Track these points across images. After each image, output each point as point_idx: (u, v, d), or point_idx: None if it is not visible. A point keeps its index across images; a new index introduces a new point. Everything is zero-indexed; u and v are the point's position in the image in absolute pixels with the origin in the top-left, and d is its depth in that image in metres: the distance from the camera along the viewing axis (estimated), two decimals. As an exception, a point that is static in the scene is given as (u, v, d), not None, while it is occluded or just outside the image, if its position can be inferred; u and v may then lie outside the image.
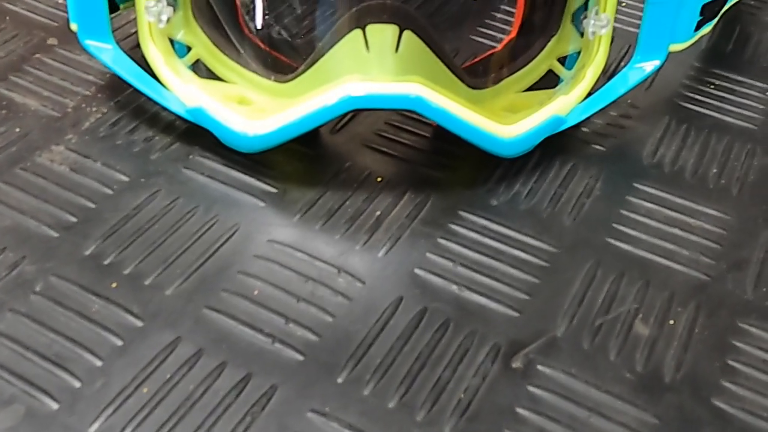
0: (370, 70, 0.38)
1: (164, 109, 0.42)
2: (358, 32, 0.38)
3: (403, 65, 0.38)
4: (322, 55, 0.40)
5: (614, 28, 0.42)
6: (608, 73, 0.48)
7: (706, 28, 0.46)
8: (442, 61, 0.40)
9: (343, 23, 0.39)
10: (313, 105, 0.37)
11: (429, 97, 0.37)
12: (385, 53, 0.38)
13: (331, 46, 0.39)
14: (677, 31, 0.43)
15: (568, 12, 0.45)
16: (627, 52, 0.50)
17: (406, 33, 0.39)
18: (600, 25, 0.42)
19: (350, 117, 0.44)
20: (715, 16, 0.46)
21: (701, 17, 0.45)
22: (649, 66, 0.43)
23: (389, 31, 0.38)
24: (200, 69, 0.43)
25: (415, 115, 0.41)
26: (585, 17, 0.42)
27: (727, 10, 0.48)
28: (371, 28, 0.38)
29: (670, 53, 0.43)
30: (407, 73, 0.38)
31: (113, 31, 0.42)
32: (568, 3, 0.44)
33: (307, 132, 0.38)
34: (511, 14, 0.47)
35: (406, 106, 0.37)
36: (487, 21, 0.51)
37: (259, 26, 0.44)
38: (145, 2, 0.41)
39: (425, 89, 0.37)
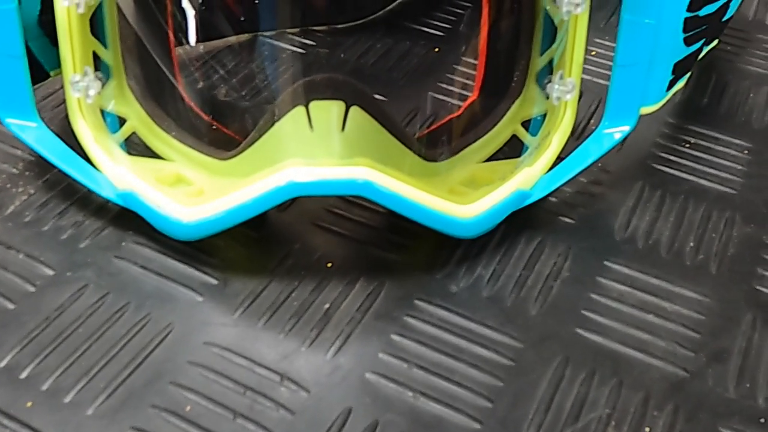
0: (314, 152, 0.34)
1: (95, 190, 0.38)
2: (301, 109, 0.35)
3: (349, 146, 0.35)
4: (264, 133, 0.36)
5: (582, 80, 0.39)
6: (577, 131, 0.45)
7: (679, 84, 0.43)
8: (394, 135, 0.37)
9: (285, 99, 0.36)
10: (252, 192, 0.34)
11: (378, 181, 0.34)
12: (330, 133, 0.35)
13: (273, 124, 0.36)
14: (648, 92, 0.40)
15: (532, 72, 0.42)
16: (597, 108, 0.47)
17: (353, 109, 0.35)
18: (565, 90, 0.39)
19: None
20: (688, 71, 0.44)
21: (673, 76, 0.42)
22: (619, 132, 0.40)
23: (334, 108, 0.35)
24: (135, 144, 0.40)
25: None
26: (549, 81, 0.40)
27: (702, 58, 0.45)
28: (315, 105, 0.35)
29: (641, 116, 0.40)
30: (354, 154, 0.34)
31: (46, 98, 0.39)
32: (532, 62, 0.41)
33: (250, 215, 0.35)
34: (473, 66, 0.45)
35: (353, 192, 0.34)
36: (449, 75, 0.49)
37: (197, 99, 0.41)
38: (70, 76, 0.37)
39: (374, 173, 0.34)
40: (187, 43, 0.44)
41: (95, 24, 0.39)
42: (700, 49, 0.44)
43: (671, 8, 0.39)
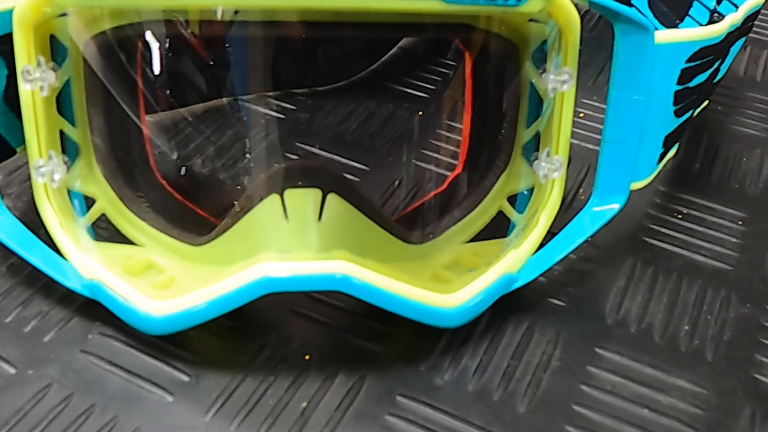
0: (289, 245, 0.33)
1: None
2: (275, 198, 0.34)
3: (326, 237, 0.33)
4: (238, 220, 0.35)
5: (571, 145, 0.38)
6: (566, 202, 0.44)
7: (670, 154, 0.42)
8: (373, 220, 0.35)
9: (260, 186, 0.34)
10: (225, 287, 0.32)
11: (356, 275, 0.32)
12: (306, 224, 0.33)
13: (247, 211, 0.34)
14: (638, 168, 0.39)
15: (518, 144, 0.40)
16: (586, 175, 0.45)
17: (330, 196, 0.34)
18: (552, 168, 0.37)
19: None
20: (678, 141, 0.42)
21: (664, 149, 0.40)
22: (609, 210, 0.38)
23: (310, 197, 0.33)
24: (104, 228, 0.38)
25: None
26: (536, 158, 0.38)
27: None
28: (290, 194, 0.34)
29: (631, 191, 0.39)
30: (332, 246, 0.33)
31: (15, 171, 0.37)
32: (518, 134, 0.40)
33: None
34: (458, 131, 0.43)
35: (331, 287, 0.32)
36: (433, 141, 0.47)
37: (168, 177, 0.39)
38: (35, 161, 0.36)
39: (352, 266, 0.32)
40: (159, 111, 0.42)
41: (62, 102, 0.37)
42: (691, 117, 0.42)
43: (661, 83, 0.37)
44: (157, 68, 0.38)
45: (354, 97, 0.51)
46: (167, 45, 0.38)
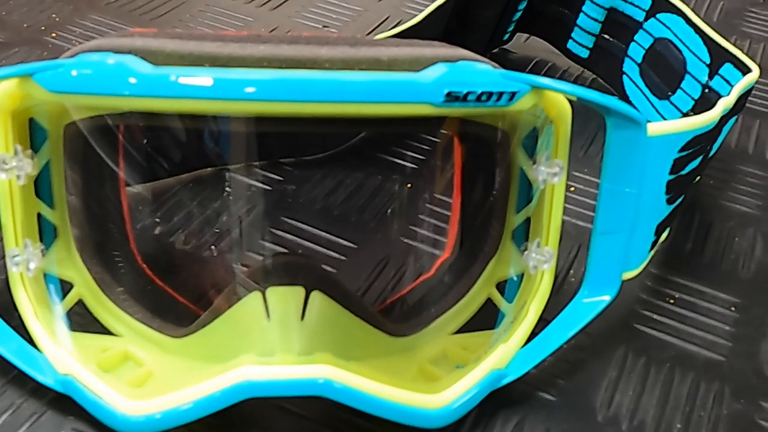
0: (270, 346, 0.32)
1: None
2: (257, 296, 0.33)
3: (309, 338, 0.32)
4: (218, 316, 0.34)
5: (563, 222, 0.37)
6: (555, 284, 0.42)
7: (662, 238, 0.41)
8: (358, 315, 0.34)
9: (242, 282, 0.33)
10: (204, 390, 0.31)
11: (339, 379, 0.31)
12: (289, 325, 0.32)
13: (228, 307, 0.33)
14: (630, 258, 0.38)
15: (508, 230, 0.39)
16: (577, 254, 0.45)
17: (314, 294, 0.33)
18: (542, 259, 0.36)
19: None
20: (670, 225, 0.41)
21: (656, 237, 0.40)
22: (600, 302, 0.38)
23: (293, 296, 0.32)
24: (81, 316, 0.37)
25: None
26: (526, 249, 0.37)
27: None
28: (272, 292, 0.33)
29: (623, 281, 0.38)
30: (315, 348, 0.32)
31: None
32: (508, 220, 0.39)
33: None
34: (447, 206, 0.42)
35: (312, 392, 0.31)
36: (421, 217, 0.46)
37: (147, 260, 0.38)
38: (9, 250, 0.35)
39: (334, 370, 0.31)
40: (142, 192, 0.41)
41: (40, 184, 0.36)
42: (684, 200, 0.42)
43: (653, 175, 0.36)
44: (140, 153, 0.37)
45: (342, 167, 0.50)
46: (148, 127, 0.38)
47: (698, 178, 0.47)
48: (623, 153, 0.35)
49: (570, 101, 0.34)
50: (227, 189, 0.47)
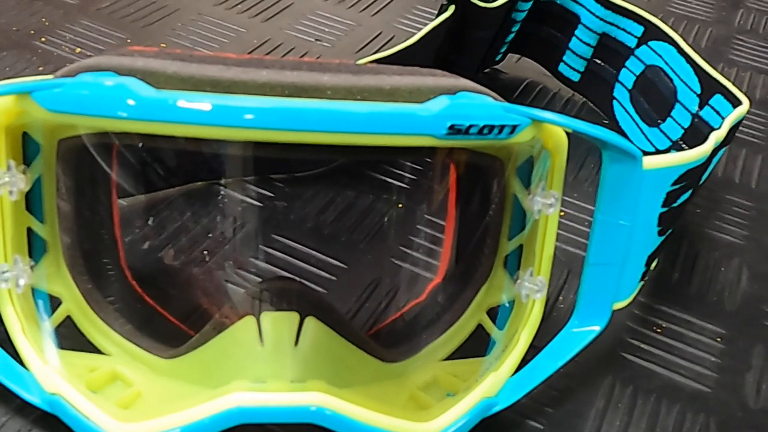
0: (263, 372, 0.31)
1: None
2: (251, 320, 0.33)
3: (302, 365, 0.32)
4: (210, 338, 0.34)
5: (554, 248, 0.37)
6: (544, 310, 0.43)
7: (651, 268, 0.42)
8: (351, 341, 0.34)
9: (236, 306, 0.33)
10: (195, 415, 0.31)
11: (331, 406, 0.31)
12: (282, 351, 0.32)
13: (221, 331, 0.33)
14: (621, 289, 0.38)
15: (500, 256, 0.39)
16: (566, 281, 0.45)
17: (308, 320, 0.33)
18: (535, 289, 0.37)
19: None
20: (659, 256, 0.42)
21: (646, 268, 0.40)
22: (589, 332, 0.38)
23: (287, 321, 0.32)
24: (69, 333, 0.37)
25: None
26: (518, 278, 0.37)
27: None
28: (267, 317, 0.32)
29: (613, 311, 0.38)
30: (307, 375, 0.32)
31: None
32: (500, 246, 0.39)
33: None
34: (440, 228, 0.42)
35: (304, 419, 0.31)
36: (412, 238, 0.46)
37: (137, 276, 0.38)
38: (-2, 266, 0.34)
39: (327, 398, 0.31)
40: (135, 207, 0.41)
41: (31, 198, 0.36)
42: (673, 232, 0.42)
43: (646, 208, 0.37)
44: (134, 170, 0.37)
45: (333, 185, 0.50)
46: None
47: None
48: (619, 186, 0.35)
49: (566, 132, 0.35)
50: (218, 205, 0.47)
